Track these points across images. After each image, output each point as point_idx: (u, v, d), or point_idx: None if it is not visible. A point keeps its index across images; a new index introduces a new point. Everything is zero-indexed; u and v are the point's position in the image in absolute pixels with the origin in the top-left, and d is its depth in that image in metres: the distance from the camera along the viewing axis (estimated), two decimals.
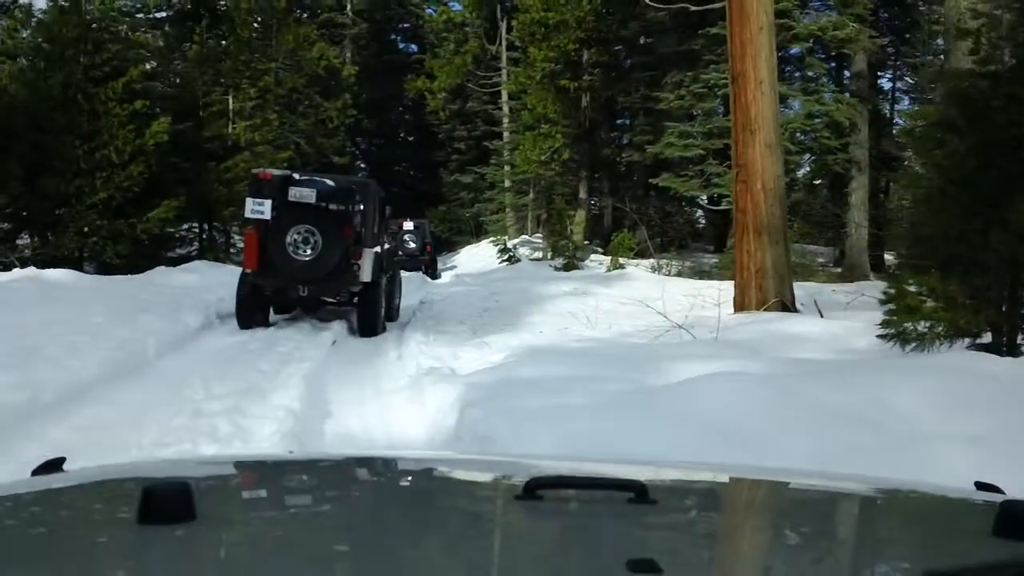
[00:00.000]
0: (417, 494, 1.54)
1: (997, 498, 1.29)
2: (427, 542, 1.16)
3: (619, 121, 28.38)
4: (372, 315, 9.79)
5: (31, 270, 12.23)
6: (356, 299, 9.90)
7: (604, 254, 23.25)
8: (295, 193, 9.32)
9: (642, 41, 23.57)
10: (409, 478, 1.69)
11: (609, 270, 19.65)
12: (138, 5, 27.79)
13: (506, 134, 30.99)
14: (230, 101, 17.24)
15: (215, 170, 16.48)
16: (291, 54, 23.42)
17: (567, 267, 20.09)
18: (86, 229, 13.72)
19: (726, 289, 11.36)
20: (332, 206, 9.48)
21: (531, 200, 27.52)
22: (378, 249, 10.18)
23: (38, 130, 13.31)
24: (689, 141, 19.89)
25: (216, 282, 11.82)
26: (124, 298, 9.63)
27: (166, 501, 1.05)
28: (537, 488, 1.22)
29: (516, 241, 29.93)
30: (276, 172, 9.82)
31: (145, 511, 1.04)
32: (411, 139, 43.64)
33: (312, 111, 24.50)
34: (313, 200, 9.36)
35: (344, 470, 1.70)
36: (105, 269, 14.20)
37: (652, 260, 21.26)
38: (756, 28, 11.33)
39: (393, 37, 42.07)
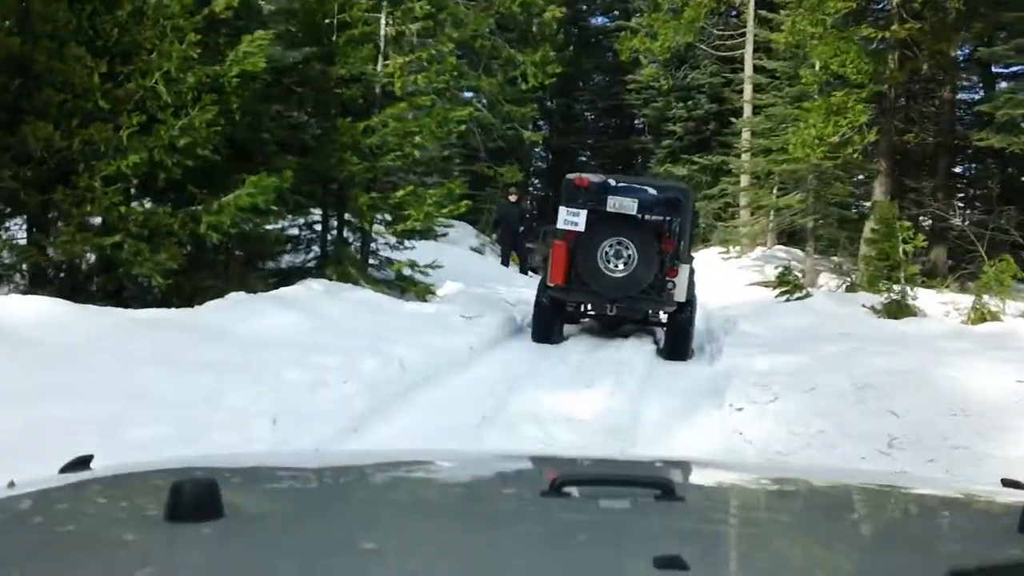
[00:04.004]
0: (443, 491, 1.54)
1: (1023, 495, 1.32)
2: (453, 538, 1.13)
3: (933, 95, 20.22)
4: (683, 340, 8.84)
5: None
6: (664, 319, 9.12)
7: (914, 285, 15.46)
8: (614, 203, 8.69)
9: None
10: (435, 475, 1.67)
11: (970, 320, 11.99)
12: None
13: (747, 109, 23.39)
14: (382, 22, 10.64)
15: (350, 130, 9.90)
16: None
17: (892, 311, 12.48)
18: (102, 220, 7.32)
19: None
20: (648, 216, 8.99)
21: (795, 200, 19.79)
22: (691, 264, 9.41)
23: (22, 40, 6.96)
24: None
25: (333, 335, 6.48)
26: None
27: (194, 498, 1.03)
28: (563, 485, 1.22)
29: (755, 255, 22.66)
30: (592, 178, 9.08)
31: (173, 508, 1.03)
32: (601, 124, 36.84)
33: (499, 67, 17.83)
34: (634, 211, 8.76)
35: (371, 467, 1.68)
36: (133, 296, 7.85)
37: (1010, 302, 13.35)
38: None
39: (583, 7, 34.88)
